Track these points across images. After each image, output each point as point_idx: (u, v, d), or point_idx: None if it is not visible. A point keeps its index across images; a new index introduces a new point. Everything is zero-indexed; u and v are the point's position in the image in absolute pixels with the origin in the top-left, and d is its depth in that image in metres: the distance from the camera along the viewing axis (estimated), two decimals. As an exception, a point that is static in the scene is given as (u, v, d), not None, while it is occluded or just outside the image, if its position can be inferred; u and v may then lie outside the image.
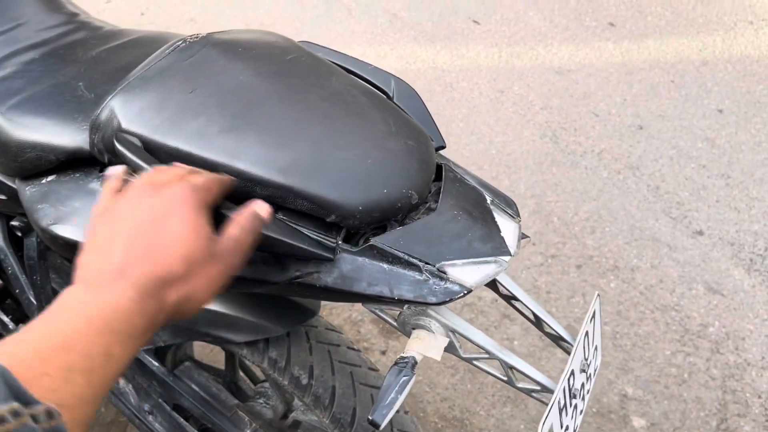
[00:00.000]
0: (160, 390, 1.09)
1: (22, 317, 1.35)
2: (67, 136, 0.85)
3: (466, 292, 0.70)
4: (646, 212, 2.43)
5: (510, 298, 0.84)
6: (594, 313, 0.84)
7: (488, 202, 0.79)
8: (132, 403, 1.15)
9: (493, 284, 0.83)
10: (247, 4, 3.35)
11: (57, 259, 1.23)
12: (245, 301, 0.93)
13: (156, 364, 1.06)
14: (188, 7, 3.13)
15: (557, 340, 0.85)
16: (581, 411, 0.80)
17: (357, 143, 0.74)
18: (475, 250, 0.72)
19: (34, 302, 1.12)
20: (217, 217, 0.66)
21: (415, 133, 0.78)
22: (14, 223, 1.04)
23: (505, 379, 0.82)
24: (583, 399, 0.80)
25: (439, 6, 3.47)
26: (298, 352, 0.94)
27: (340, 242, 0.73)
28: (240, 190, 0.71)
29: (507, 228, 0.76)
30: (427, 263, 0.70)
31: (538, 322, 0.85)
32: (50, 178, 0.86)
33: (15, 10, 1.02)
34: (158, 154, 0.74)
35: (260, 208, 0.66)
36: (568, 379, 0.75)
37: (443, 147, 0.86)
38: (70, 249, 0.78)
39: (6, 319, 1.28)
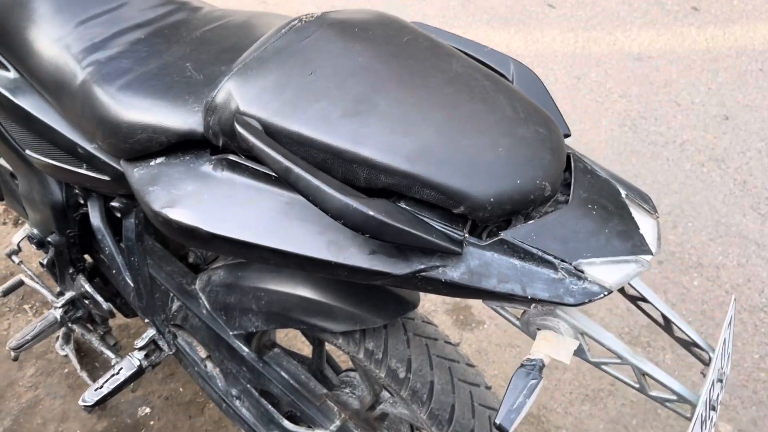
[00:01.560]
0: (249, 376, 1.09)
1: (110, 296, 1.38)
2: (179, 117, 0.84)
3: (606, 293, 0.65)
4: (732, 207, 2.31)
5: (637, 299, 0.79)
6: (731, 319, 0.79)
7: (623, 195, 0.74)
8: (220, 387, 1.16)
9: None
10: (317, -12, 3.33)
11: (149, 242, 1.25)
12: (343, 290, 0.92)
13: (246, 349, 1.06)
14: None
15: (689, 345, 0.80)
16: (714, 422, 0.75)
17: (485, 130, 0.70)
18: (614, 248, 0.67)
19: (131, 284, 1.14)
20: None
21: (544, 120, 0.74)
22: (114, 204, 1.05)
23: (637, 386, 0.78)
24: (715, 410, 0.75)
25: (513, -11, 3.37)
26: (396, 345, 0.92)
27: (467, 235, 0.69)
28: (364, 177, 0.69)
29: (645, 224, 0.71)
30: (563, 261, 0.66)
31: (667, 326, 0.80)
32: (159, 160, 0.85)
33: None
34: (279, 137, 0.72)
35: None
36: (709, 391, 0.71)
37: (568, 135, 0.81)
38: (183, 233, 0.78)
39: (98, 297, 1.31)
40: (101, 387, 1.14)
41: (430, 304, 1.99)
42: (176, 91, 0.87)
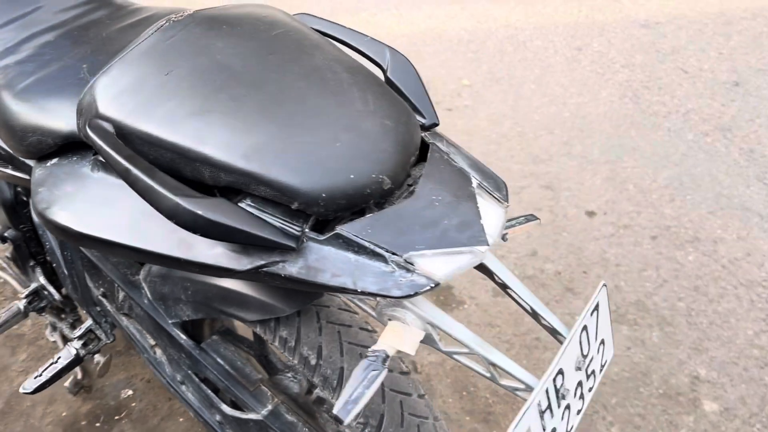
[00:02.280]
0: (188, 362, 1.11)
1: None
2: (63, 120, 0.86)
3: (432, 285, 0.65)
4: (736, 178, 2.21)
5: (505, 287, 0.78)
6: (597, 305, 0.76)
7: (474, 185, 0.72)
8: (167, 373, 1.18)
9: (487, 271, 0.77)
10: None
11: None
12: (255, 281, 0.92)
13: (183, 337, 1.08)
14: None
15: (554, 333, 0.78)
16: (579, 411, 0.73)
17: (327, 125, 0.69)
18: (449, 239, 0.66)
19: (67, 274, 1.17)
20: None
21: (397, 112, 0.73)
22: None
23: (489, 375, 0.76)
24: (582, 398, 0.72)
25: (516, -41, 3.28)
26: (308, 332, 0.92)
27: (306, 230, 0.69)
28: (208, 175, 0.69)
29: (490, 214, 0.70)
30: (393, 253, 0.65)
31: (534, 314, 0.78)
32: (54, 161, 0.87)
33: None
34: (132, 138, 0.73)
35: None
36: (554, 379, 0.68)
37: (436, 125, 0.80)
38: (60, 232, 0.80)
39: (51, 288, 1.35)
40: (41, 375, 1.19)
41: (412, 285, 1.99)
42: (67, 93, 0.89)
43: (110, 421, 1.67)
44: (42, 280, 1.32)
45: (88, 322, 1.20)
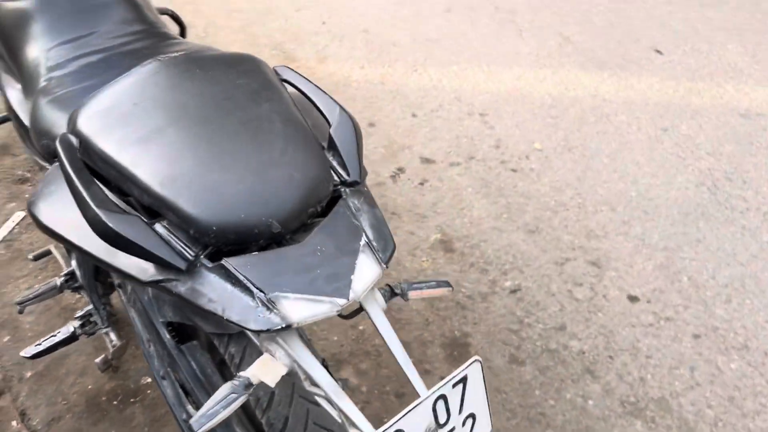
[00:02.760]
0: (168, 360, 1.22)
1: None
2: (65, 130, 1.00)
3: (285, 325, 0.70)
4: (808, 291, 2.04)
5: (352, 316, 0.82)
6: (464, 378, 0.76)
7: (361, 242, 0.77)
8: (155, 366, 1.30)
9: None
10: (420, 18, 3.45)
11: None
12: None
13: (167, 336, 1.19)
14: (365, 19, 3.34)
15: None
16: None
17: (240, 167, 0.78)
18: (315, 287, 0.71)
19: (81, 261, 1.32)
20: None
21: (311, 166, 0.80)
22: None
23: (339, 422, 0.79)
24: None
25: (620, 33, 3.24)
26: (251, 353, 0.99)
27: (202, 257, 0.77)
28: (137, 195, 0.80)
29: (364, 272, 0.74)
30: (261, 290, 0.72)
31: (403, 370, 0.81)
32: (56, 163, 1.02)
33: (95, 20, 1.22)
34: (92, 155, 0.85)
35: None
36: None
37: (357, 183, 0.85)
38: (37, 224, 0.93)
39: (78, 272, 1.51)
40: (40, 344, 1.34)
41: (428, 335, 2.00)
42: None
43: (126, 401, 1.81)
44: (73, 263, 1.49)
45: (89, 307, 1.35)
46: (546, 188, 2.43)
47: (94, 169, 0.84)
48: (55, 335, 1.36)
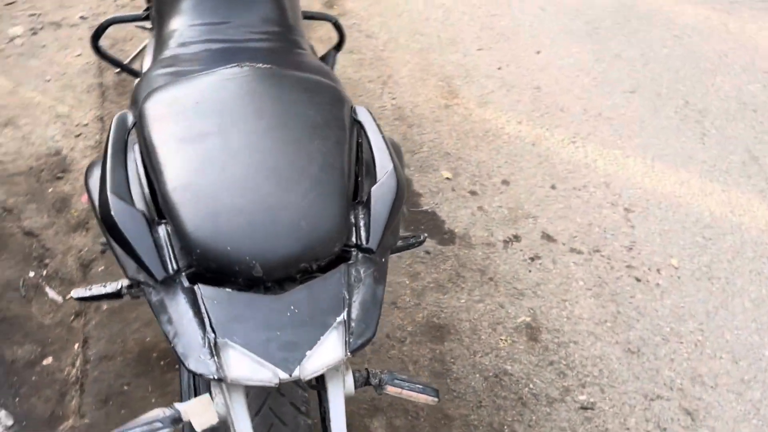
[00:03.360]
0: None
1: None
2: None
3: (215, 377, 0.65)
4: None
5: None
6: None
7: (337, 320, 0.69)
8: None
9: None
10: (599, 92, 3.24)
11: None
12: None
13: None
14: (541, 75, 3.22)
15: None
16: None
17: (254, 199, 0.75)
18: (266, 349, 0.66)
19: None
20: None
21: (323, 220, 0.75)
22: None
23: None
24: None
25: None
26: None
27: (183, 274, 0.74)
28: (156, 192, 0.80)
29: (325, 353, 0.67)
30: (213, 331, 0.67)
31: None
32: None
33: (234, 11, 1.25)
34: (139, 136, 0.87)
35: None
36: None
37: (371, 251, 0.78)
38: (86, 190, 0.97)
39: None
40: (91, 289, 1.41)
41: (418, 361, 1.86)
42: None
43: (171, 367, 1.87)
44: None
45: None
46: (666, 311, 2.17)
47: (141, 151, 0.87)
48: (104, 286, 1.44)
